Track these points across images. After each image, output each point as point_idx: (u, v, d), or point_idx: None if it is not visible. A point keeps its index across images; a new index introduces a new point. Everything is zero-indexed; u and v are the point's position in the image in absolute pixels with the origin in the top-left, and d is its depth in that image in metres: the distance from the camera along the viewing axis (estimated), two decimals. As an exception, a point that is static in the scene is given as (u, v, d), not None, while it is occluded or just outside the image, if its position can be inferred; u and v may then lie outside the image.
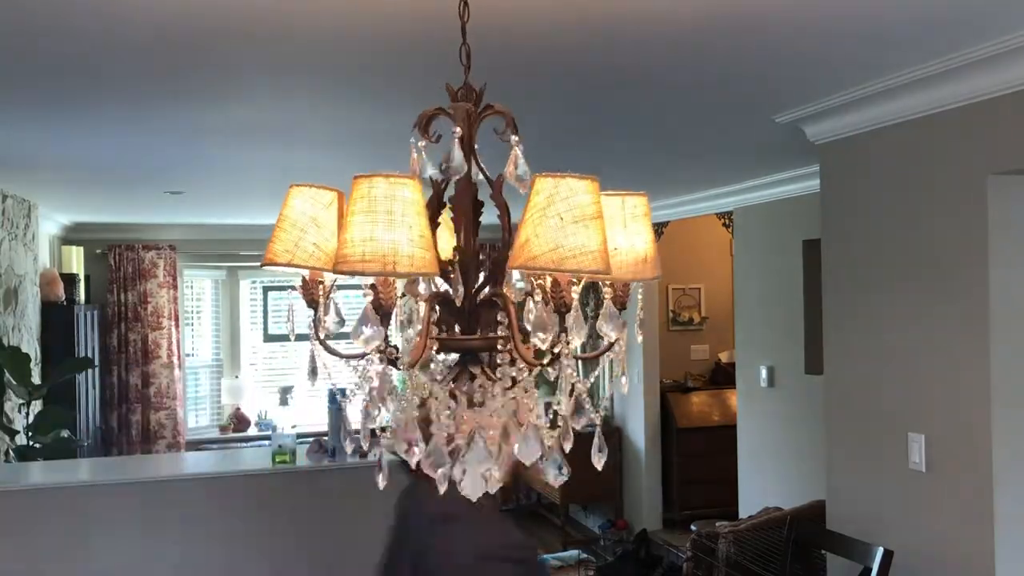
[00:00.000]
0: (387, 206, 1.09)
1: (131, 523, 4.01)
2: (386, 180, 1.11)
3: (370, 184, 1.11)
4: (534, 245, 1.03)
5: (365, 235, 1.09)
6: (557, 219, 1.05)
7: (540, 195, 1.07)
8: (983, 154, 2.62)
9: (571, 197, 1.06)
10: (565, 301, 1.06)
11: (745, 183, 5.27)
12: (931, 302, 2.83)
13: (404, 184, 1.11)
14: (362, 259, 1.08)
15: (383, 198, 1.10)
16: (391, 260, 1.08)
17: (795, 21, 2.23)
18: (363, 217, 1.10)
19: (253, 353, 8.03)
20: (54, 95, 2.96)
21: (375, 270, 1.08)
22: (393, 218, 1.09)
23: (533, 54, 2.49)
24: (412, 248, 1.09)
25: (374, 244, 1.08)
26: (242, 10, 2.08)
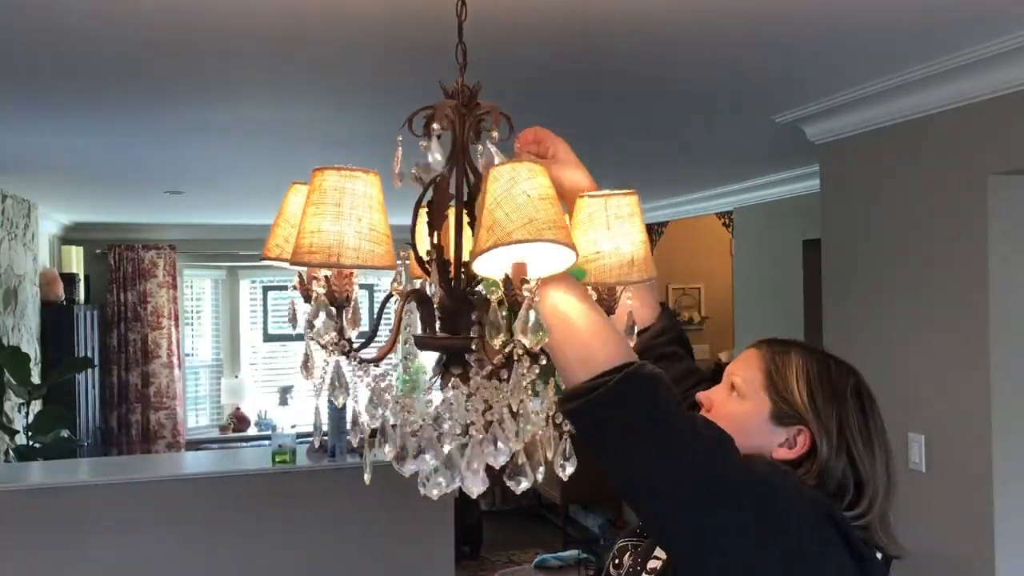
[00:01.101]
0: (336, 198, 1.09)
1: (131, 523, 4.01)
2: (337, 173, 1.11)
3: (322, 177, 1.12)
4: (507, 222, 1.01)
5: (313, 227, 1.09)
6: (524, 196, 1.04)
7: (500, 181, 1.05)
8: (983, 154, 2.62)
9: (533, 178, 1.05)
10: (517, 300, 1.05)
11: (745, 183, 5.27)
12: (931, 302, 2.83)
13: (355, 177, 1.11)
14: (308, 250, 1.08)
15: (333, 190, 1.10)
16: (335, 252, 1.07)
17: (795, 21, 2.22)
18: (313, 209, 1.10)
19: (253, 353, 8.03)
20: (54, 95, 2.96)
21: (319, 261, 1.08)
22: (341, 210, 1.09)
23: (532, 54, 2.49)
24: (359, 241, 1.08)
25: (320, 236, 1.08)
26: (242, 10, 2.08)
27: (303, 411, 7.71)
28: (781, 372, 1.24)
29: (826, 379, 1.23)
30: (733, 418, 1.22)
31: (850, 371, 1.26)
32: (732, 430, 1.15)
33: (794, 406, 1.21)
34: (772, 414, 1.22)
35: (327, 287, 1.12)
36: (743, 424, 1.22)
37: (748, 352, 1.31)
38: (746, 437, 1.19)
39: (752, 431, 1.22)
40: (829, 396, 1.21)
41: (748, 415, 1.23)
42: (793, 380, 1.22)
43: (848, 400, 1.21)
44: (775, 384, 1.23)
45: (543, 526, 7.19)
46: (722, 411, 1.26)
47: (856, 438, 1.20)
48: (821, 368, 1.24)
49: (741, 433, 1.17)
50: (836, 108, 3.11)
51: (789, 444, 1.21)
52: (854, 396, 1.22)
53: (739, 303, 5.66)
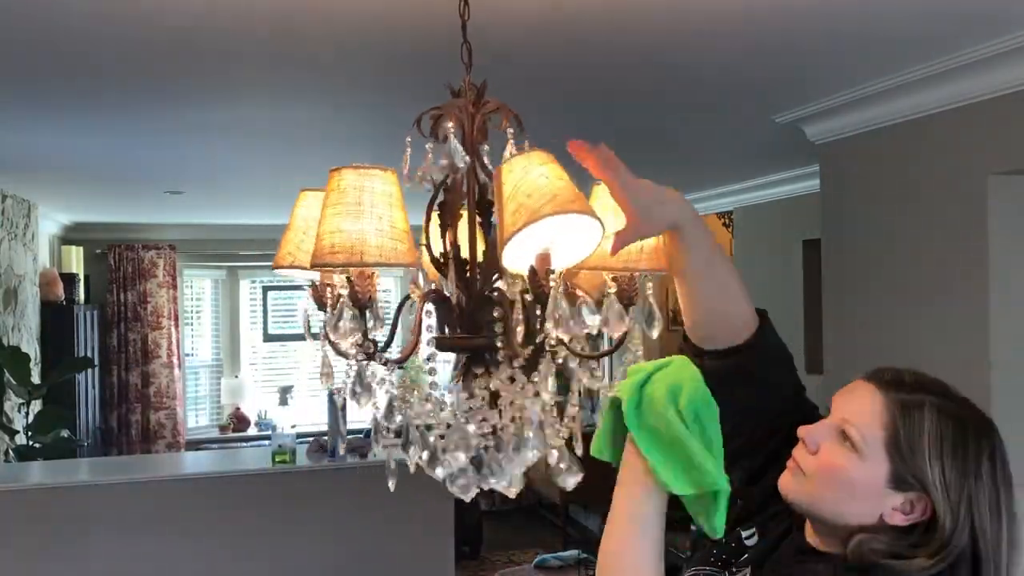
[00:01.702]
0: (355, 197, 1.09)
1: (131, 523, 4.01)
2: (355, 171, 1.10)
3: (339, 176, 1.11)
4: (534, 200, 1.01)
5: (334, 227, 1.08)
6: (543, 179, 1.04)
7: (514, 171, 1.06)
8: (983, 154, 2.62)
9: (545, 164, 1.07)
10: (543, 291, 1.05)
11: (745, 183, 5.27)
12: (931, 302, 2.83)
13: (374, 175, 1.10)
14: (331, 250, 1.07)
15: (352, 189, 1.09)
16: (358, 251, 1.06)
17: (795, 21, 2.23)
18: (332, 209, 1.09)
19: (253, 353, 8.03)
20: (54, 95, 2.96)
21: (342, 260, 1.07)
22: (362, 209, 1.08)
23: (531, 55, 2.49)
24: (380, 239, 1.07)
25: (342, 235, 1.07)
26: (243, 10, 2.08)
27: (303, 411, 7.71)
28: (910, 434, 1.06)
29: (960, 448, 1.07)
30: (845, 474, 1.08)
31: (988, 434, 1.12)
32: (840, 485, 1.07)
33: (920, 476, 1.05)
34: (891, 477, 1.06)
35: (350, 288, 1.11)
36: (855, 484, 1.07)
37: (866, 394, 1.12)
38: (854, 498, 1.07)
39: (864, 494, 1.07)
40: (962, 470, 1.05)
41: (862, 476, 1.07)
42: (924, 446, 1.05)
43: (982, 474, 1.06)
44: (900, 447, 1.06)
45: (543, 526, 7.19)
46: (831, 461, 1.09)
47: (984, 513, 1.05)
48: (956, 433, 1.07)
49: (850, 492, 1.07)
50: (836, 108, 3.11)
51: (904, 509, 1.06)
52: (988, 464, 1.08)
53: (739, 303, 5.65)
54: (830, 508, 1.09)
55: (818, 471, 1.09)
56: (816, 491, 1.10)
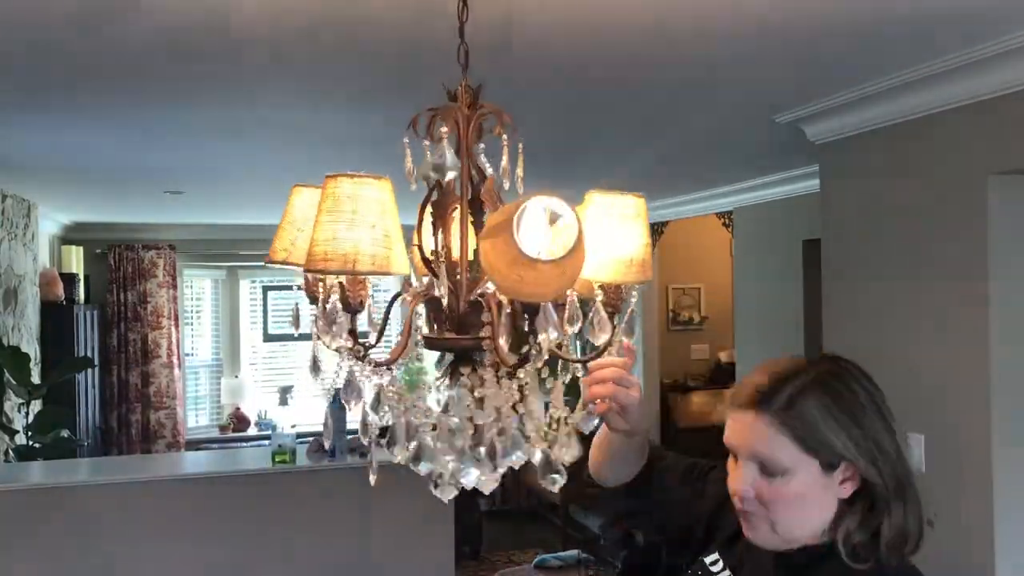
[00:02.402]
0: (351, 205, 1.10)
1: (131, 523, 4.01)
2: (350, 180, 1.12)
3: (335, 184, 1.13)
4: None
5: (329, 235, 1.10)
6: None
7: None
8: (983, 154, 2.62)
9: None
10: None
11: (745, 183, 5.27)
12: (931, 302, 2.83)
13: (368, 184, 1.12)
14: (324, 258, 1.09)
15: (347, 197, 1.11)
16: (351, 259, 1.08)
17: (795, 21, 2.22)
18: (327, 217, 1.11)
19: (253, 353, 8.03)
20: (55, 95, 2.96)
21: (336, 268, 1.09)
22: (356, 218, 1.10)
23: (530, 55, 2.49)
24: (374, 247, 1.09)
25: (336, 243, 1.09)
26: (242, 10, 2.08)
27: (303, 411, 7.71)
28: (808, 428, 1.15)
29: (842, 407, 1.16)
30: (795, 497, 1.15)
31: (847, 379, 1.20)
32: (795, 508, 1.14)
33: (836, 452, 1.15)
34: (822, 467, 1.15)
35: (341, 293, 1.12)
36: (804, 496, 1.16)
37: (752, 423, 1.17)
38: (814, 505, 1.16)
39: (816, 496, 1.16)
40: (854, 424, 1.16)
41: (803, 486, 1.15)
42: (820, 428, 1.15)
43: (869, 414, 1.18)
44: (808, 442, 1.14)
45: (543, 526, 7.19)
46: (775, 497, 1.16)
47: (887, 449, 1.17)
48: (829, 399, 1.16)
49: (808, 505, 1.15)
50: (836, 108, 3.11)
51: (846, 476, 1.16)
52: (869, 403, 1.19)
53: (739, 303, 5.66)
54: (804, 528, 1.18)
55: (771, 509, 1.16)
56: (781, 525, 1.17)
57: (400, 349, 1.16)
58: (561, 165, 4.23)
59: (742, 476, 1.18)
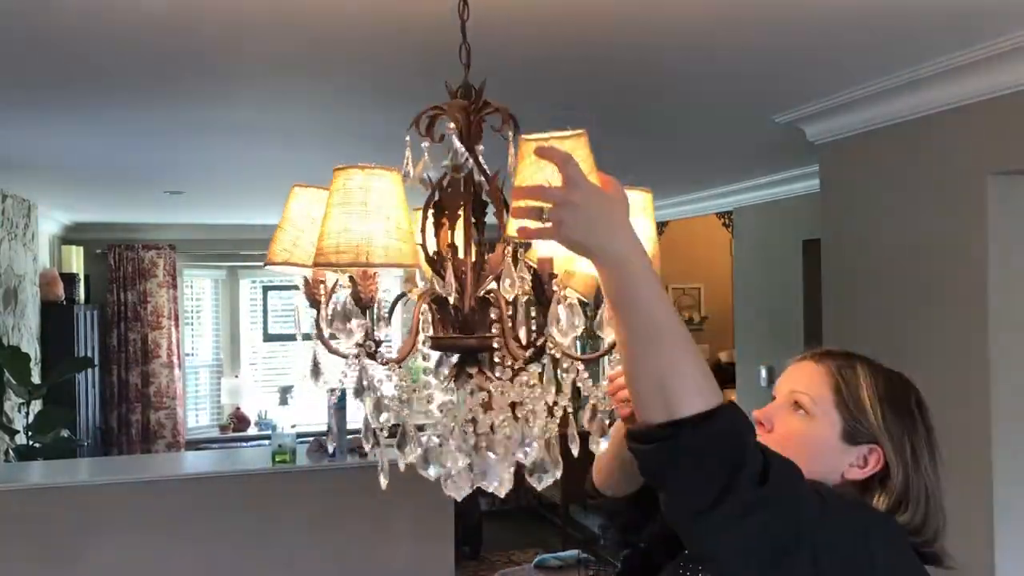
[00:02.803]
0: (362, 197, 1.08)
1: (131, 523, 4.01)
2: (362, 171, 1.10)
3: (346, 176, 1.10)
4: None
5: (340, 227, 1.07)
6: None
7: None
8: (983, 154, 2.62)
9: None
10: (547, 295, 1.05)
11: (745, 183, 5.27)
12: (930, 302, 2.83)
13: (380, 175, 1.10)
14: (336, 251, 1.06)
15: (358, 189, 1.08)
16: (364, 251, 1.05)
17: (795, 21, 2.23)
18: (339, 209, 1.08)
19: (253, 353, 8.03)
20: (54, 95, 2.96)
21: (348, 261, 1.06)
22: (368, 209, 1.07)
23: (531, 54, 2.49)
24: (387, 239, 1.07)
25: (348, 235, 1.06)
26: (242, 10, 2.08)
27: (303, 411, 7.70)
28: (852, 388, 1.17)
29: (894, 398, 1.18)
30: (802, 438, 1.16)
31: (909, 384, 1.22)
32: (799, 451, 1.11)
33: (868, 424, 1.15)
34: (844, 433, 1.16)
35: (353, 288, 1.10)
36: (812, 445, 1.16)
37: (806, 366, 1.22)
38: (814, 458, 1.14)
39: (822, 453, 1.16)
40: (899, 418, 1.17)
41: (818, 435, 1.16)
42: (864, 396, 1.16)
43: (915, 419, 1.19)
44: (846, 401, 1.16)
45: (543, 526, 7.19)
46: (787, 431, 1.18)
47: (923, 454, 1.19)
48: (887, 383, 1.19)
49: (809, 454, 1.13)
50: (836, 108, 3.11)
51: (860, 464, 1.16)
52: (917, 410, 1.20)
53: (739, 303, 5.66)
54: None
55: (777, 443, 1.12)
56: None
57: (408, 348, 1.15)
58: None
59: (773, 405, 1.21)
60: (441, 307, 1.17)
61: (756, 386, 5.38)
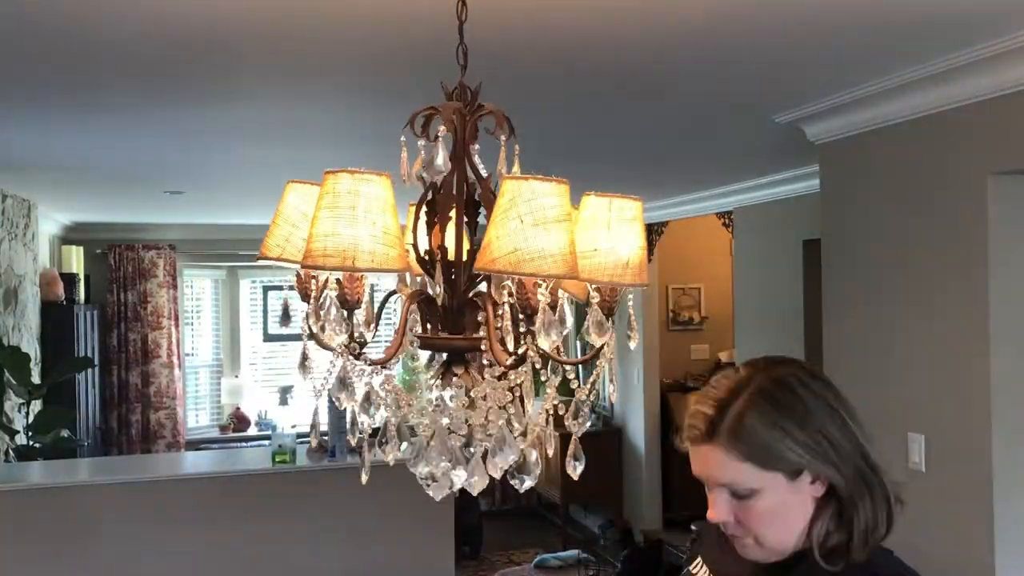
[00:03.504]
0: (351, 202, 1.09)
1: (131, 523, 4.01)
2: (351, 176, 1.11)
3: (335, 180, 1.11)
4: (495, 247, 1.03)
5: (328, 230, 1.09)
6: (517, 221, 1.04)
7: (504, 197, 1.07)
8: (983, 154, 2.62)
9: (533, 200, 1.06)
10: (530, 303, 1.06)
11: (745, 183, 5.27)
12: (931, 302, 2.83)
13: (369, 180, 1.11)
14: (323, 254, 1.08)
15: (347, 193, 1.10)
16: (351, 255, 1.07)
17: (795, 21, 2.22)
18: (327, 212, 1.10)
19: (253, 353, 8.03)
20: (54, 95, 2.96)
21: (334, 264, 1.08)
22: (356, 214, 1.09)
23: (532, 53, 2.49)
24: (373, 244, 1.08)
25: (336, 239, 1.08)
26: (242, 10, 2.08)
27: (303, 411, 7.70)
28: (756, 443, 1.16)
29: (779, 407, 1.16)
30: (771, 513, 1.17)
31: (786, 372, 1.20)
32: (777, 521, 1.16)
33: (790, 460, 1.16)
34: (787, 477, 1.17)
35: (339, 290, 1.12)
36: (781, 509, 1.17)
37: (708, 454, 1.19)
38: (791, 513, 1.17)
39: (790, 504, 1.18)
40: (793, 417, 1.16)
41: (777, 499, 1.17)
42: (768, 442, 1.16)
43: (814, 411, 1.17)
44: (764, 458, 1.16)
45: (543, 526, 7.19)
46: (752, 516, 1.18)
47: (831, 432, 1.17)
48: (771, 402, 1.17)
49: (786, 515, 1.17)
50: (836, 108, 3.11)
51: (815, 477, 1.18)
52: (813, 400, 1.18)
53: (739, 303, 5.66)
54: (788, 537, 1.19)
55: (752, 528, 1.18)
56: (767, 539, 1.19)
57: (395, 348, 1.16)
58: (559, 165, 4.23)
59: (716, 505, 1.20)
60: (430, 307, 1.18)
61: (756, 386, 5.38)
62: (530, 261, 1.03)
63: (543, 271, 1.04)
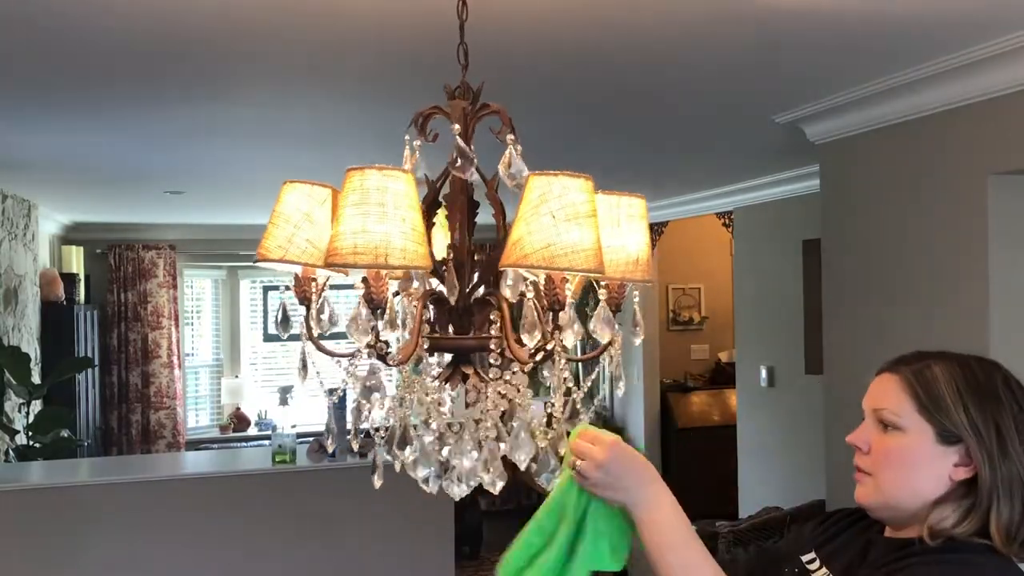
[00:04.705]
0: (379, 198, 1.07)
1: (131, 523, 4.01)
2: (379, 172, 1.09)
3: (363, 176, 1.09)
4: (526, 243, 1.03)
5: (357, 227, 1.06)
6: (550, 217, 1.04)
7: (533, 193, 1.07)
8: (983, 154, 2.62)
9: (564, 195, 1.06)
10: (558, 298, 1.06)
11: (745, 183, 5.27)
12: (931, 302, 2.83)
13: (397, 176, 1.10)
14: (354, 251, 1.06)
15: (375, 190, 1.08)
16: (383, 253, 1.05)
17: (795, 21, 2.22)
18: (355, 209, 1.07)
19: (253, 353, 8.03)
20: (54, 95, 2.96)
21: (367, 262, 1.06)
22: (385, 210, 1.07)
23: (532, 54, 2.49)
24: (404, 241, 1.07)
25: (366, 236, 1.06)
26: (242, 10, 2.08)
27: (303, 411, 7.70)
28: (929, 389, 1.17)
29: (973, 383, 1.17)
30: (899, 453, 1.17)
31: (993, 365, 1.21)
32: (899, 465, 1.16)
33: (953, 423, 1.15)
34: (937, 437, 1.16)
35: (366, 289, 1.10)
36: (910, 457, 1.17)
37: (883, 380, 1.23)
38: (916, 469, 1.16)
39: (921, 462, 1.16)
40: (981, 399, 1.15)
41: (913, 446, 1.17)
42: (944, 394, 1.16)
43: (1000, 397, 1.16)
44: (928, 405, 1.16)
45: (543, 526, 7.17)
46: (884, 450, 1.19)
47: (1010, 435, 1.14)
48: (965, 373, 1.18)
49: (909, 466, 1.16)
50: (836, 108, 3.11)
51: (965, 462, 1.15)
52: (1004, 387, 1.18)
53: (739, 303, 5.66)
54: (905, 491, 1.18)
55: (877, 463, 1.19)
56: (885, 483, 1.19)
57: (411, 349, 1.15)
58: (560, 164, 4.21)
59: (861, 429, 1.23)
60: (438, 307, 1.17)
61: (756, 386, 5.39)
62: (563, 256, 1.03)
63: (577, 266, 1.04)
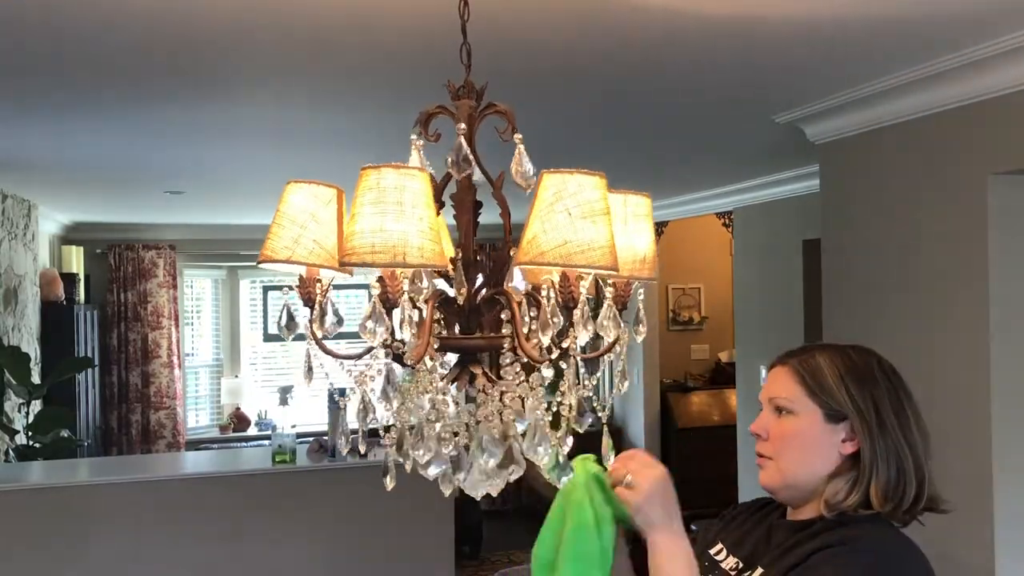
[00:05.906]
0: (397, 196, 1.07)
1: (131, 523, 4.01)
2: (396, 171, 1.09)
3: (379, 175, 1.09)
4: (542, 241, 1.03)
5: (375, 226, 1.06)
6: (565, 214, 1.05)
7: (548, 191, 1.07)
8: (983, 154, 2.62)
9: (579, 193, 1.06)
10: (573, 296, 1.06)
11: (745, 183, 5.27)
12: (931, 302, 2.83)
13: (414, 175, 1.09)
14: (372, 250, 1.05)
15: (393, 188, 1.07)
16: (401, 251, 1.05)
17: (795, 21, 2.23)
18: (372, 208, 1.07)
19: (253, 353, 8.03)
20: (54, 95, 2.96)
21: (385, 261, 1.05)
22: (403, 209, 1.06)
23: (532, 54, 2.49)
24: (422, 239, 1.06)
25: (384, 235, 1.05)
26: (242, 10, 2.08)
27: (303, 411, 7.70)
28: (815, 375, 1.31)
29: (852, 367, 1.31)
30: (794, 434, 1.31)
31: (869, 352, 1.35)
32: (796, 446, 1.30)
33: (837, 402, 1.29)
34: (825, 417, 1.30)
35: (382, 289, 1.09)
36: (804, 437, 1.30)
37: (776, 372, 1.37)
38: (810, 448, 1.30)
39: (814, 441, 1.30)
40: (861, 381, 1.29)
41: (805, 427, 1.30)
42: (827, 377, 1.30)
43: (877, 379, 1.31)
44: (814, 389, 1.30)
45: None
46: (780, 433, 1.32)
47: (887, 414, 1.28)
48: (845, 359, 1.32)
49: (804, 446, 1.30)
50: (836, 108, 3.11)
51: (850, 437, 1.29)
52: (880, 372, 1.32)
53: (739, 303, 5.66)
54: (802, 471, 1.31)
55: (776, 447, 1.32)
56: (784, 464, 1.32)
57: (423, 349, 1.14)
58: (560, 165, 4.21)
59: (759, 418, 1.36)
60: (446, 307, 1.17)
61: (756, 386, 5.38)
62: (580, 253, 1.04)
63: (594, 263, 1.05)
